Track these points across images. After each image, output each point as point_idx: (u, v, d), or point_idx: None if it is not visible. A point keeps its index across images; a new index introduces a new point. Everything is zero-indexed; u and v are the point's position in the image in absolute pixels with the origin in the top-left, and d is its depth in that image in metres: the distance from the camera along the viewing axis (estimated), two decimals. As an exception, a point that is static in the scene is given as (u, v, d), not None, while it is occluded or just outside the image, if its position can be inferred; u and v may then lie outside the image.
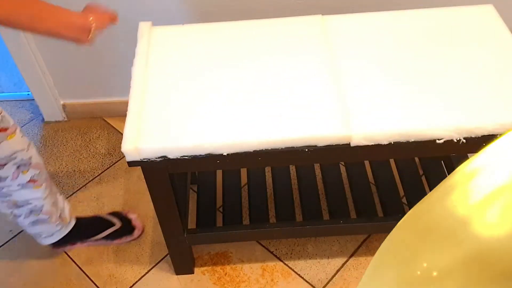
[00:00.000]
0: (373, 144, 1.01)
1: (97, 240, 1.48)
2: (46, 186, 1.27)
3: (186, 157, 1.02)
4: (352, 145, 1.01)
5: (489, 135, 1.01)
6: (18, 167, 1.16)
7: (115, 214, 1.54)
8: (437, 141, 1.01)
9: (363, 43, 1.17)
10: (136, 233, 1.51)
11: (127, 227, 1.51)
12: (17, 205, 1.26)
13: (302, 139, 1.01)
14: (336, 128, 1.01)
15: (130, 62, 1.16)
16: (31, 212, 1.28)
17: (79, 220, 1.46)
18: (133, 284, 1.43)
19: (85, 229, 1.48)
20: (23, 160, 1.16)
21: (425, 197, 0.45)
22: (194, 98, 1.08)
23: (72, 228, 1.43)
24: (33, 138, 1.85)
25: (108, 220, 1.51)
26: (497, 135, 1.01)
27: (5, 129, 1.10)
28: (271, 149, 1.01)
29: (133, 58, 1.17)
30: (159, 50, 1.19)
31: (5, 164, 1.14)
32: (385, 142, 1.01)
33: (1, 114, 1.09)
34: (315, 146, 1.01)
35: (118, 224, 1.50)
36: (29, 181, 1.20)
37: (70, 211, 1.43)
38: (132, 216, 1.54)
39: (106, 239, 1.49)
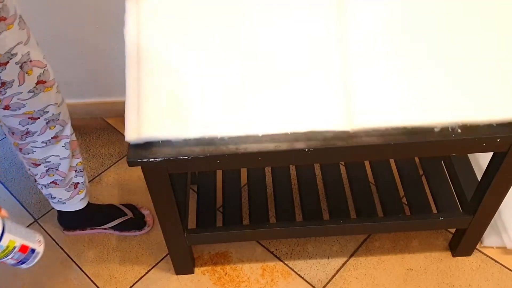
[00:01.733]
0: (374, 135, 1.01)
1: (106, 228, 1.51)
2: (66, 144, 1.28)
3: (186, 157, 1.02)
4: (351, 132, 1.01)
5: (488, 137, 1.02)
6: (47, 122, 1.19)
7: (128, 205, 1.57)
8: (435, 130, 1.02)
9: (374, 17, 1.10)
10: (146, 229, 1.53)
11: (138, 221, 1.54)
12: (35, 164, 1.28)
13: (302, 133, 1.01)
14: (336, 121, 1.01)
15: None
16: (47, 171, 1.29)
17: (92, 206, 1.48)
18: (133, 284, 1.43)
19: (97, 215, 1.51)
20: (53, 115, 1.19)
21: None
22: (192, 87, 1.05)
23: (85, 213, 1.45)
24: (33, 138, 1.85)
25: (121, 209, 1.54)
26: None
27: (44, 82, 1.14)
28: (271, 150, 1.01)
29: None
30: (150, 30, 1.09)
31: (37, 118, 1.16)
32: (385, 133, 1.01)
33: (45, 68, 1.14)
34: (315, 141, 1.01)
35: (129, 215, 1.53)
36: (53, 137, 1.23)
37: (88, 190, 1.45)
38: (146, 212, 1.57)
39: (114, 229, 1.52)
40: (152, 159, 1.02)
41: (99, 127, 1.89)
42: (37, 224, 1.58)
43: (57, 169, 1.30)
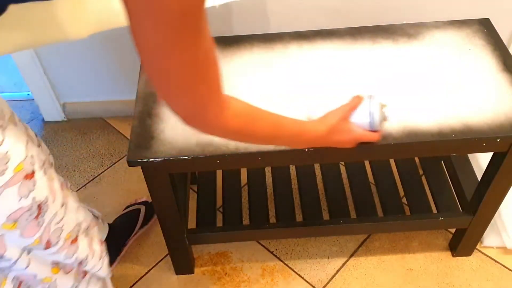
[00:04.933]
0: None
1: (136, 233, 1.49)
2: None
3: (186, 157, 1.02)
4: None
5: (488, 137, 1.02)
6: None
7: (131, 205, 1.54)
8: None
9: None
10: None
11: (149, 209, 1.53)
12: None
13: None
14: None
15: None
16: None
17: (114, 224, 1.45)
18: (133, 284, 1.43)
19: (121, 229, 1.47)
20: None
21: None
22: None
23: (115, 231, 1.40)
24: (33, 138, 1.85)
25: (133, 209, 1.51)
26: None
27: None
28: (271, 150, 1.01)
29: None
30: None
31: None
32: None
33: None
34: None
35: (143, 208, 1.52)
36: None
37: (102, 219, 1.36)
38: (142, 199, 1.55)
39: (142, 228, 1.51)
40: (152, 159, 1.02)
41: (99, 127, 1.89)
42: (37, 224, 1.58)
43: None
